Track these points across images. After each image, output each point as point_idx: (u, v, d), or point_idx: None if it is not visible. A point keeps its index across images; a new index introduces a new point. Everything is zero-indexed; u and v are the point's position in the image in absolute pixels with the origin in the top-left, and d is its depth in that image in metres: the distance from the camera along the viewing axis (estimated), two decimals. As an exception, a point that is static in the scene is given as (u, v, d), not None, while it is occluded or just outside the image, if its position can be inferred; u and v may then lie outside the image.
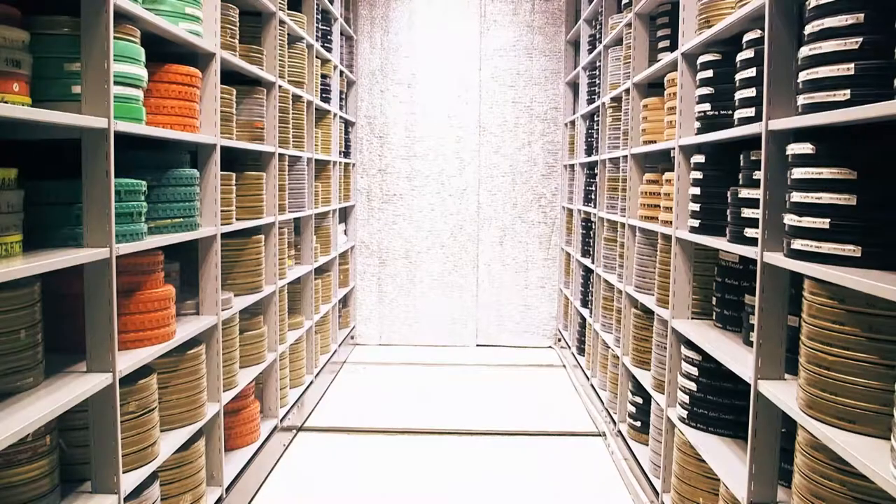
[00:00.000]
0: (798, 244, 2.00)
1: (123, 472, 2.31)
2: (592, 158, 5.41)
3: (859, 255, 1.85)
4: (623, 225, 4.37)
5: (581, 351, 5.92)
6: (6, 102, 1.83)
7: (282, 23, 4.24)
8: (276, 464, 4.08)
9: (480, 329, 7.06)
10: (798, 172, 2.02)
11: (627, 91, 4.27)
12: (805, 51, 1.99)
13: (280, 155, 4.23)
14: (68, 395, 1.99)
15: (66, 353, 2.33)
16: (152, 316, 2.60)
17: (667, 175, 3.51)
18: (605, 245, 4.94)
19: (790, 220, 2.05)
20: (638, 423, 4.00)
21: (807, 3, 2.00)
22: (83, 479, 2.27)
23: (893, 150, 1.85)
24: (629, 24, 4.22)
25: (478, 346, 7.03)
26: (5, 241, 1.88)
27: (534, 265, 7.06)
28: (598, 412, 4.86)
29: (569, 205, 6.56)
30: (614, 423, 4.45)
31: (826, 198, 1.92)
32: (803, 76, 1.99)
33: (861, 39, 1.83)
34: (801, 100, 2.02)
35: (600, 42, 5.25)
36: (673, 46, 3.55)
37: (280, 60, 4.20)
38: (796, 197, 2.02)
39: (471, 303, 7.04)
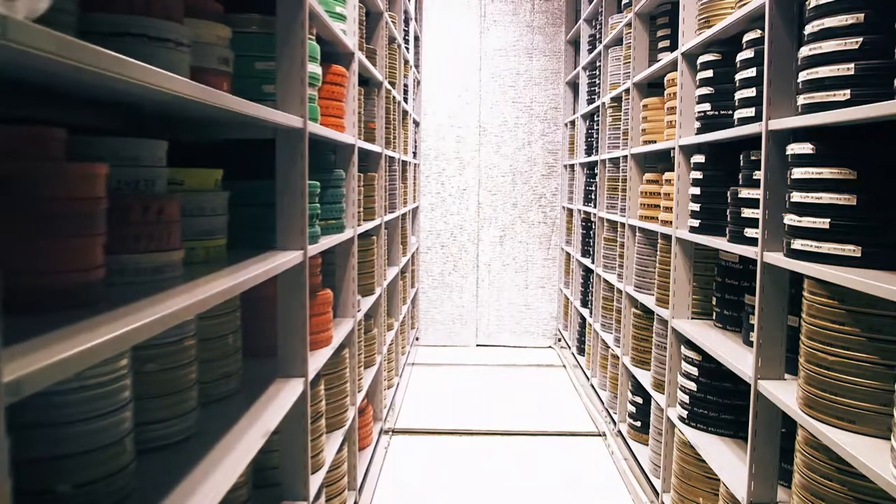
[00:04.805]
0: (798, 244, 2.00)
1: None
2: (592, 158, 5.41)
3: (859, 255, 1.85)
4: (623, 225, 4.37)
5: (581, 351, 5.92)
6: None
7: (386, 23, 4.24)
8: (382, 466, 4.06)
9: (480, 329, 7.06)
10: (798, 172, 2.02)
11: (627, 91, 4.27)
12: (805, 51, 1.99)
13: (385, 156, 4.20)
14: (280, 403, 1.92)
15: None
16: (318, 320, 2.50)
17: (667, 175, 3.51)
18: (605, 245, 4.95)
19: (790, 220, 2.05)
20: (638, 423, 4.00)
21: (807, 3, 2.00)
22: (265, 486, 2.19)
23: (893, 150, 1.85)
24: (629, 24, 4.23)
25: (478, 345, 7.03)
26: (216, 244, 1.80)
27: (534, 265, 7.06)
28: (598, 412, 4.86)
29: (569, 205, 6.57)
30: (614, 423, 4.46)
31: (826, 198, 1.92)
32: (803, 76, 1.99)
33: (861, 39, 1.83)
34: (801, 100, 2.02)
35: (600, 42, 5.25)
36: (673, 46, 3.55)
37: (385, 61, 4.20)
38: (796, 197, 2.02)
39: (471, 303, 7.04)
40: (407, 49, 5.61)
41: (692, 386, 2.92)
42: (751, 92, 2.47)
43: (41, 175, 1.09)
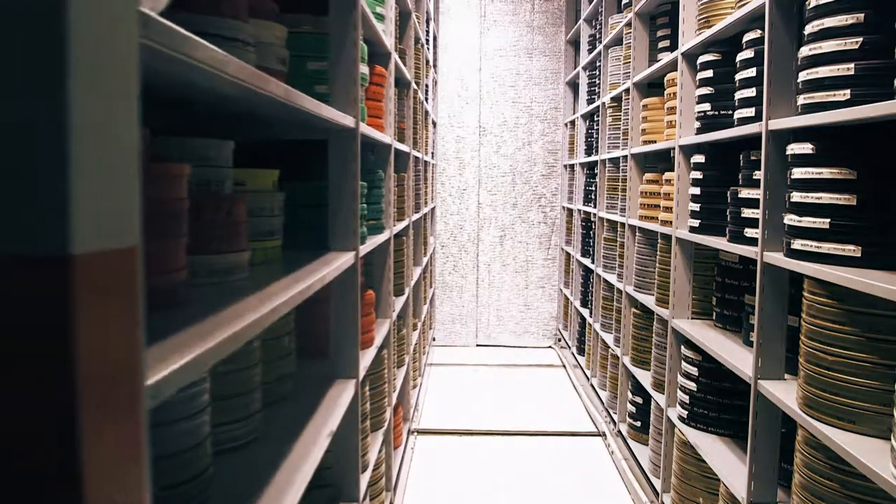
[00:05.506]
0: (798, 244, 2.00)
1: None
2: (592, 158, 5.42)
3: (859, 255, 1.85)
4: (623, 225, 4.37)
5: (581, 351, 5.92)
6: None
7: (413, 23, 4.23)
8: (409, 466, 4.05)
9: (481, 329, 7.06)
10: (798, 172, 2.02)
11: (627, 91, 4.27)
12: (805, 51, 1.99)
13: (412, 156, 4.19)
14: (337, 406, 1.90)
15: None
16: (364, 320, 2.45)
17: (667, 175, 3.51)
18: (605, 245, 4.95)
19: (790, 219, 2.05)
20: (638, 423, 4.00)
21: (807, 3, 2.00)
22: (315, 487, 2.15)
23: (893, 151, 1.85)
24: (629, 24, 4.23)
25: (478, 346, 7.03)
26: (273, 245, 1.74)
27: (534, 265, 7.06)
28: (598, 412, 4.86)
29: (569, 205, 6.57)
30: (614, 423, 4.46)
31: (826, 198, 1.92)
32: (803, 76, 2.00)
33: (861, 39, 1.83)
34: (801, 100, 2.02)
35: (600, 42, 5.25)
36: (673, 46, 3.55)
37: (413, 61, 4.19)
38: (796, 197, 2.02)
39: (471, 303, 7.04)
40: (427, 49, 5.58)
41: (692, 386, 2.92)
42: (751, 92, 2.47)
43: None
